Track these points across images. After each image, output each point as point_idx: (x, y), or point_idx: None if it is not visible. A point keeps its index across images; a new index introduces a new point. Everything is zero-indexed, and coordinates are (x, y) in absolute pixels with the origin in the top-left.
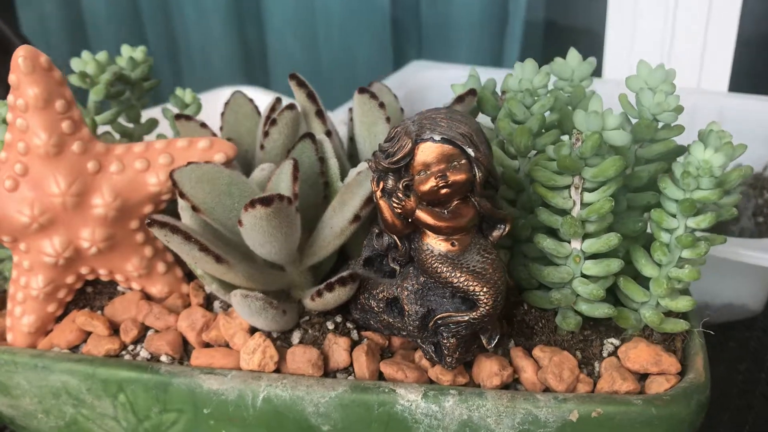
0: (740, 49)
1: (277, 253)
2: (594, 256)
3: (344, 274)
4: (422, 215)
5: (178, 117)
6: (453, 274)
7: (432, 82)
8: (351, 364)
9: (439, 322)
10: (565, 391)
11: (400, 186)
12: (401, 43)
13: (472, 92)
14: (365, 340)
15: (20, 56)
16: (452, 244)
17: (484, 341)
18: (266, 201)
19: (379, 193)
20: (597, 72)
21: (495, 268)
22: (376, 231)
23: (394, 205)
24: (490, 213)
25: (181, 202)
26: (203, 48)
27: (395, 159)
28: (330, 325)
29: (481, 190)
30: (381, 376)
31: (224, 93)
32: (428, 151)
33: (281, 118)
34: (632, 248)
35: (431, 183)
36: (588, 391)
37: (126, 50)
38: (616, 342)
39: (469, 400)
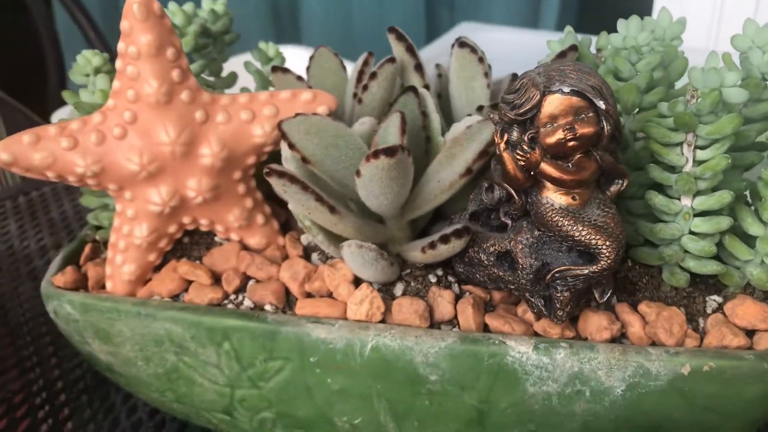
0: None
1: (388, 205)
2: (702, 214)
3: (459, 226)
4: (547, 168)
5: (274, 69)
6: (575, 228)
7: (482, 44)
8: (455, 317)
9: (557, 275)
10: (675, 346)
11: (526, 138)
12: (434, 6)
13: (573, 48)
14: (467, 293)
15: (135, 3)
16: (573, 198)
17: (596, 295)
18: (390, 151)
19: (503, 145)
20: None
21: (616, 222)
22: (486, 185)
23: (518, 157)
24: (612, 167)
25: (287, 153)
26: (235, 9)
27: (522, 110)
28: (432, 278)
29: (607, 144)
30: (486, 329)
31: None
32: (556, 103)
33: (382, 72)
34: (738, 207)
35: (558, 135)
36: (696, 346)
37: (207, 2)
38: (718, 299)
39: (580, 353)
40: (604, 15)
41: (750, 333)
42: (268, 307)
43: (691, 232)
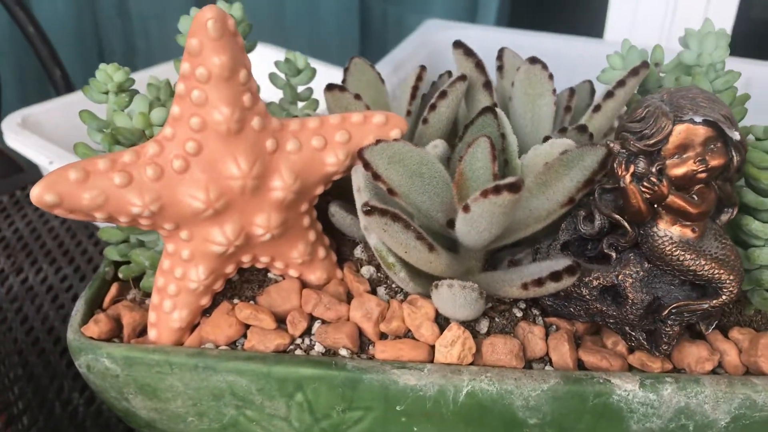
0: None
1: (487, 239)
2: None
3: (570, 262)
4: (677, 201)
5: (330, 87)
6: (697, 262)
7: (448, 42)
8: (547, 353)
9: (674, 310)
10: None
11: (653, 170)
12: None
13: (645, 65)
14: (555, 327)
15: (209, 18)
16: (692, 230)
17: (702, 327)
18: (515, 187)
19: (629, 177)
20: (599, 33)
21: (735, 254)
22: (583, 214)
23: (645, 189)
24: (729, 197)
25: (360, 184)
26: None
27: (653, 141)
28: (518, 313)
29: (733, 174)
30: (580, 365)
31: None
32: (686, 133)
33: (452, 91)
34: None
35: (689, 167)
36: None
37: (223, 5)
38: None
39: (687, 387)
40: (544, 9)
41: None
42: (343, 352)
43: None
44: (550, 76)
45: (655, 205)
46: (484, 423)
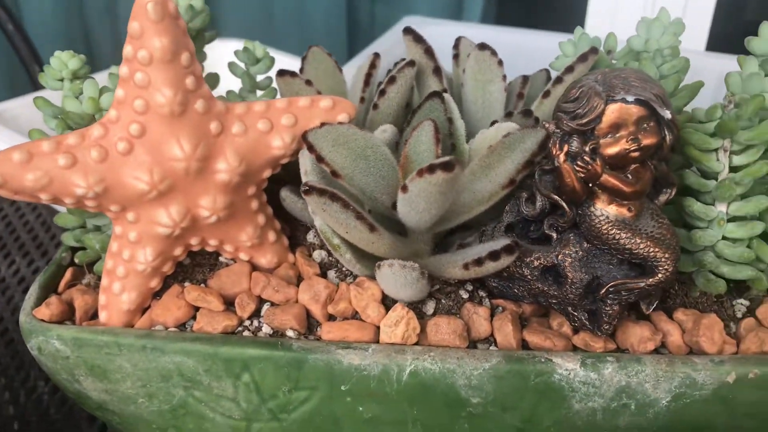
0: (718, 12)
1: (429, 220)
2: (733, 219)
3: (508, 242)
4: (611, 180)
5: (281, 73)
6: (632, 240)
7: (432, 38)
8: (491, 334)
9: (611, 289)
10: (717, 353)
11: (587, 149)
12: None
13: (593, 51)
14: (501, 308)
15: (149, 1)
16: (628, 210)
17: (643, 307)
18: (448, 166)
19: (562, 157)
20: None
21: (672, 233)
22: (525, 196)
23: (579, 168)
24: (665, 176)
25: (307, 166)
26: None
27: (585, 120)
28: (464, 294)
29: (667, 153)
30: (524, 345)
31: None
32: (619, 113)
33: (401, 76)
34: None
35: (621, 146)
36: (733, 352)
37: None
38: (745, 303)
39: (628, 367)
40: (527, 5)
41: None
42: (290, 333)
43: (725, 238)
44: (500, 63)
45: (591, 185)
46: (428, 402)
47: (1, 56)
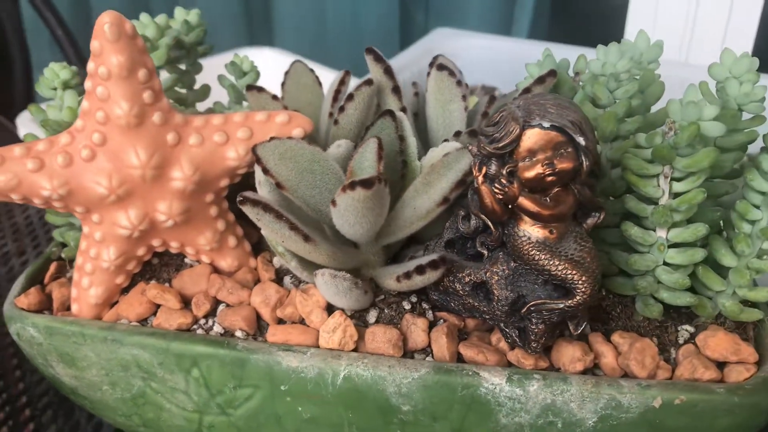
0: (764, 27)
1: (363, 233)
2: (676, 245)
3: (435, 257)
4: (525, 202)
5: (249, 88)
6: (551, 262)
7: (458, 50)
8: (429, 345)
9: (533, 308)
10: (647, 378)
11: (504, 172)
12: (409, 9)
13: (552, 73)
14: (442, 321)
15: (106, 22)
16: (550, 232)
17: (571, 327)
18: (367, 184)
19: (481, 178)
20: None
21: (592, 257)
22: (462, 214)
23: (496, 190)
24: (590, 201)
25: (261, 177)
26: (207, 12)
27: (501, 144)
28: (406, 305)
29: (586, 179)
30: (460, 358)
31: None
32: (535, 138)
33: (359, 94)
34: (711, 238)
35: (537, 170)
36: (667, 377)
37: (180, 13)
38: (690, 329)
39: (553, 385)
40: (577, 22)
41: (721, 365)
42: (238, 333)
43: (666, 263)
44: (458, 83)
45: (510, 206)
46: (361, 407)
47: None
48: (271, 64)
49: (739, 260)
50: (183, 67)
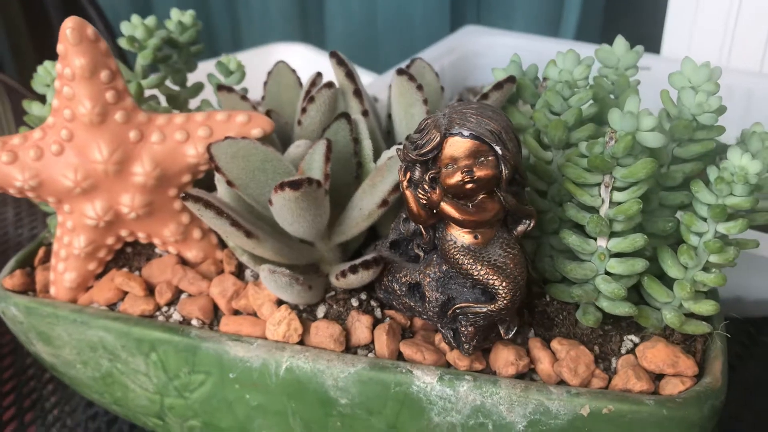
0: None
1: (305, 231)
2: (619, 255)
3: (368, 257)
4: (447, 208)
5: (220, 88)
6: (474, 267)
7: (484, 48)
8: (372, 342)
9: (458, 311)
10: (579, 386)
11: (427, 178)
12: (459, 4)
13: (510, 79)
14: (387, 319)
15: (68, 27)
16: (475, 237)
17: (501, 331)
18: (295, 185)
19: (405, 183)
20: (655, 48)
21: (516, 263)
22: (404, 216)
23: (420, 196)
24: (515, 208)
25: (217, 175)
26: (262, 1)
27: (423, 151)
28: (354, 302)
29: (507, 187)
30: (401, 356)
31: (278, 49)
32: (456, 146)
33: (319, 96)
34: (659, 248)
35: (457, 177)
36: (602, 386)
37: (175, 14)
38: (635, 339)
39: (483, 387)
40: (625, 18)
41: (660, 376)
42: (194, 322)
43: (607, 273)
44: (419, 87)
45: (434, 211)
46: (302, 397)
47: None
48: (299, 61)
49: (685, 272)
50: (177, 65)
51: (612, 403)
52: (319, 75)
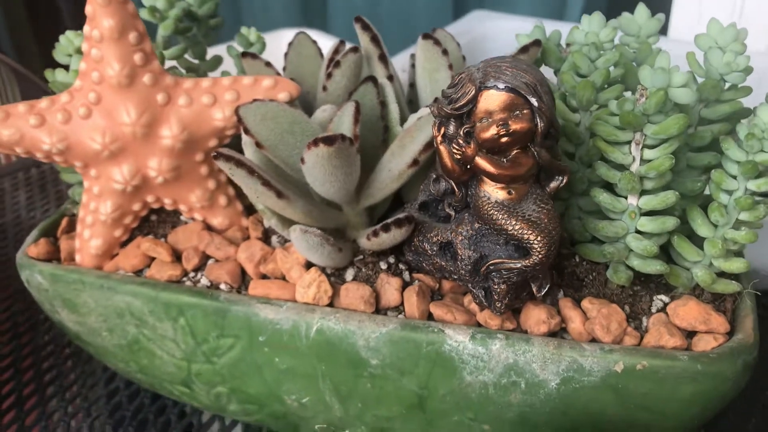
0: None
1: (335, 192)
2: (650, 213)
3: (400, 215)
4: (481, 162)
5: (244, 55)
6: (508, 222)
7: (492, 32)
8: (402, 304)
9: (491, 267)
10: (612, 343)
11: (461, 132)
12: None
13: (536, 43)
14: (416, 281)
15: None
16: (509, 193)
17: (534, 289)
18: (329, 140)
19: (439, 138)
20: (662, 30)
21: (550, 218)
22: (434, 176)
23: (454, 150)
24: (549, 164)
25: (245, 138)
26: None
27: (458, 105)
28: (383, 265)
29: (542, 141)
30: (431, 317)
31: (282, 35)
32: (491, 99)
33: (345, 61)
34: (689, 207)
35: (492, 131)
36: (634, 344)
37: None
38: (665, 299)
39: (515, 345)
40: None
41: (692, 334)
42: (222, 287)
43: (638, 231)
44: (444, 51)
45: (468, 166)
46: (333, 359)
47: None
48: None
49: (715, 230)
50: (196, 38)
51: (646, 359)
52: (342, 42)
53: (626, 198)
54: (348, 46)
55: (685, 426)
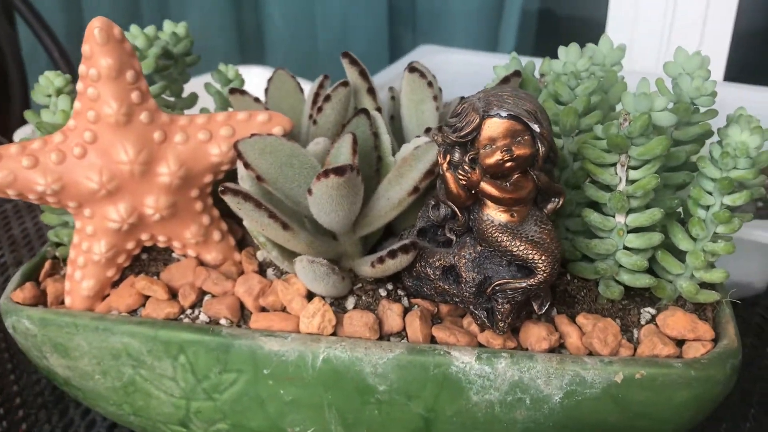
0: (735, 41)
1: (339, 222)
2: (635, 230)
3: (406, 242)
4: (486, 187)
5: (232, 91)
6: (513, 243)
7: (440, 66)
8: (404, 329)
9: (497, 288)
10: (609, 355)
11: (466, 159)
12: (397, 30)
13: (517, 73)
14: (416, 306)
15: (96, 27)
16: (512, 215)
17: (535, 307)
18: (339, 171)
19: (445, 166)
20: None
21: (552, 238)
22: (432, 203)
23: (460, 177)
24: (547, 186)
25: (242, 172)
26: (200, 31)
27: (463, 133)
28: (382, 292)
29: (542, 165)
30: (433, 341)
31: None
32: (494, 126)
33: (335, 95)
34: (670, 223)
35: (497, 157)
36: (629, 355)
37: (168, 25)
38: (652, 311)
39: (520, 362)
40: (560, 39)
41: (680, 342)
42: (223, 322)
43: (626, 248)
44: (429, 84)
45: (473, 191)
46: (340, 387)
47: None
48: (258, 81)
49: (695, 244)
50: (172, 75)
51: (644, 368)
52: (326, 77)
53: (614, 216)
54: (329, 81)
55: (679, 429)
